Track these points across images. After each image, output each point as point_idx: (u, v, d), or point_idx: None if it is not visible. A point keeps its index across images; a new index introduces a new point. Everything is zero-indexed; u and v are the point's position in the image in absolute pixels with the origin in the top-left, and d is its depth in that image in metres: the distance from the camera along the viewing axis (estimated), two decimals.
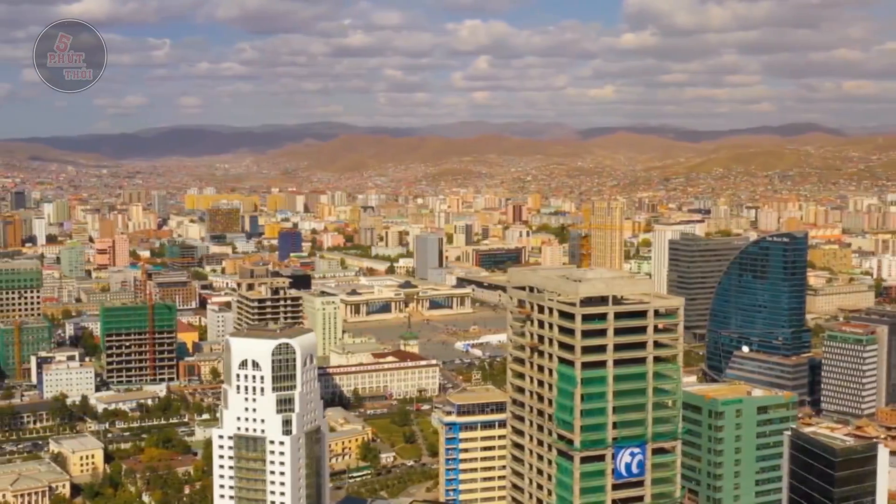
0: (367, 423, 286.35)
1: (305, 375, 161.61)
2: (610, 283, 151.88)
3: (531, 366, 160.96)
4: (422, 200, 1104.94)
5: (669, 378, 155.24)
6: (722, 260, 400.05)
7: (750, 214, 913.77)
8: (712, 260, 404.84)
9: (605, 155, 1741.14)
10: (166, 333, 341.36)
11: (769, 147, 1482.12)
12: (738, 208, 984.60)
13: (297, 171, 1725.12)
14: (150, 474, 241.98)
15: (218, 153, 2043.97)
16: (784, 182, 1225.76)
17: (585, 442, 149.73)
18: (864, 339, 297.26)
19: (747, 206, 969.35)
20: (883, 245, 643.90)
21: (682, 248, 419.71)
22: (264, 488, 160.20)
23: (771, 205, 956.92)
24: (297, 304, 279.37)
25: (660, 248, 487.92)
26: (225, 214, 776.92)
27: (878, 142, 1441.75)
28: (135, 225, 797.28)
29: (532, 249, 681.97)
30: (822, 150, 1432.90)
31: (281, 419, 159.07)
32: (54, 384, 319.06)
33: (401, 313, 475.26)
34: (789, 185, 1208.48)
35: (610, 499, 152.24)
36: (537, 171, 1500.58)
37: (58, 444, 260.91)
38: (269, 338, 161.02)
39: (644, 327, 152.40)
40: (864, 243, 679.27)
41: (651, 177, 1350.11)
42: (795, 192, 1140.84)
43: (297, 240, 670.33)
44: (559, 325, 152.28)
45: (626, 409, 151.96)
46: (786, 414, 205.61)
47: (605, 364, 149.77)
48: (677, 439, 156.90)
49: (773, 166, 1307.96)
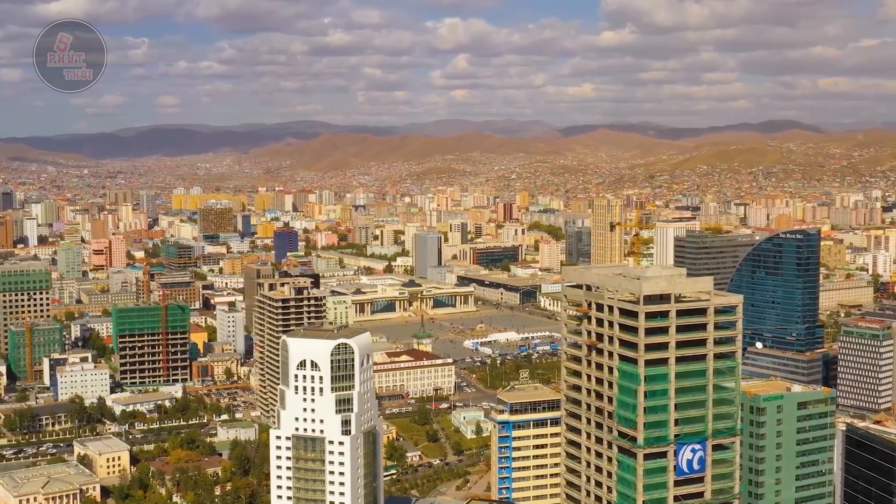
0: (388, 423, 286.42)
1: (363, 375, 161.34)
2: (671, 280, 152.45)
3: (588, 364, 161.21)
4: (409, 199, 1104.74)
5: (728, 374, 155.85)
6: (727, 256, 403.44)
7: (739, 211, 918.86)
8: (718, 256, 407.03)
9: (586, 153, 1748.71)
10: (179, 334, 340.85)
11: (751, 144, 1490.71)
12: (726, 205, 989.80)
13: (279, 170, 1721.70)
14: (180, 476, 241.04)
15: (198, 153, 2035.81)
16: (768, 179, 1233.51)
17: (648, 439, 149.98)
18: (881, 335, 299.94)
19: (735, 203, 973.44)
20: (875, 241, 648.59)
21: (688, 245, 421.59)
22: (323, 489, 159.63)
23: (759, 201, 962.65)
24: (320, 303, 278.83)
25: (662, 245, 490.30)
26: (217, 214, 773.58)
27: (859, 138, 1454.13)
28: (125, 225, 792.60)
29: (528, 247, 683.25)
30: (804, 147, 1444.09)
31: (340, 419, 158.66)
32: (69, 386, 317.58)
33: (405, 312, 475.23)
34: (773, 181, 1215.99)
35: (671, 495, 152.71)
36: (521, 168, 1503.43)
37: (83, 446, 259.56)
38: (327, 338, 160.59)
39: (704, 324, 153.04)
40: (856, 239, 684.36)
41: (636, 174, 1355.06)
42: (780, 188, 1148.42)
43: (294, 239, 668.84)
44: (620, 323, 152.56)
45: (687, 406, 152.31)
46: (825, 409, 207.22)
47: (667, 361, 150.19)
48: (736, 435, 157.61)
49: (756, 163, 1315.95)
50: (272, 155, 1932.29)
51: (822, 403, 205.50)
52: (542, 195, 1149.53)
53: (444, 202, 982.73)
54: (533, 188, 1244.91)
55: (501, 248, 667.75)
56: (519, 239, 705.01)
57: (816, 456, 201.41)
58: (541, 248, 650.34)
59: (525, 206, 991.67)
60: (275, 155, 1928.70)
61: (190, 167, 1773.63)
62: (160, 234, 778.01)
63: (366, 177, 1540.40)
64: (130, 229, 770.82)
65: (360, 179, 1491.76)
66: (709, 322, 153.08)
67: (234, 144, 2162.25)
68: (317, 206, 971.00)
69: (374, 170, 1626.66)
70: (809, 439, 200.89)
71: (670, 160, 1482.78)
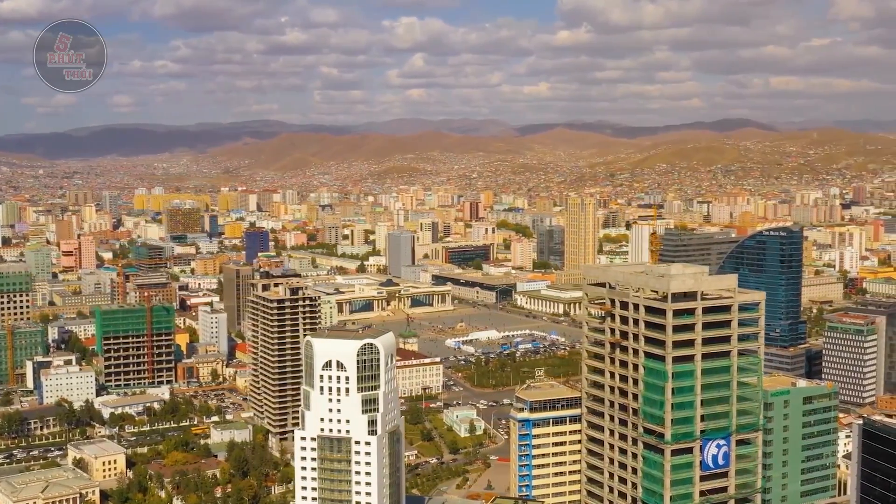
0: None
1: (388, 375, 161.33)
2: (697, 278, 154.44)
3: (612, 362, 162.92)
4: (372, 198, 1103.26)
5: (751, 371, 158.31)
6: (706, 253, 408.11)
7: (702, 209, 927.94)
8: (696, 254, 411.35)
9: (545, 151, 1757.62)
10: (164, 336, 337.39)
11: (708, 143, 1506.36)
12: (688, 203, 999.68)
13: (238, 169, 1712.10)
14: (180, 478, 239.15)
15: (154, 152, 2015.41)
16: (727, 177, 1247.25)
17: (676, 435, 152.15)
18: (865, 329, 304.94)
19: (698, 201, 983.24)
20: (840, 238, 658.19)
21: (668, 243, 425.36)
22: (349, 489, 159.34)
23: (721, 199, 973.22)
24: (314, 304, 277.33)
25: (638, 243, 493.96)
26: (185, 214, 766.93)
27: (813, 137, 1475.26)
28: (90, 226, 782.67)
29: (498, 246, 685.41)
30: (761, 146, 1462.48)
31: (366, 419, 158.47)
32: (54, 389, 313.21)
33: (383, 311, 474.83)
34: (733, 179, 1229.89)
35: (697, 490, 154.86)
36: (482, 167, 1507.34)
37: (78, 449, 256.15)
38: (353, 338, 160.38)
39: (728, 321, 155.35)
40: (819, 236, 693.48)
41: (596, 173, 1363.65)
42: (739, 186, 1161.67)
43: (265, 239, 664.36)
44: (646, 321, 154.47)
45: (712, 403, 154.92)
46: (828, 404, 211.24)
47: (693, 359, 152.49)
48: (758, 430, 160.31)
49: (714, 161, 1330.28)
50: (230, 154, 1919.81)
51: (826, 398, 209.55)
52: (505, 194, 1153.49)
53: (409, 201, 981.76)
54: (495, 187, 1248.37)
55: (473, 246, 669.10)
56: (489, 238, 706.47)
57: (821, 449, 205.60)
58: (513, 246, 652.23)
59: (489, 204, 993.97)
60: (233, 154, 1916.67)
61: (147, 167, 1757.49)
62: (126, 234, 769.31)
63: (326, 176, 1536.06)
64: (95, 230, 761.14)
65: (320, 179, 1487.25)
66: (733, 319, 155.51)
67: (191, 144, 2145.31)
68: (282, 206, 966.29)
69: (335, 169, 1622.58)
70: (814, 433, 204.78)
71: (629, 159, 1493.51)
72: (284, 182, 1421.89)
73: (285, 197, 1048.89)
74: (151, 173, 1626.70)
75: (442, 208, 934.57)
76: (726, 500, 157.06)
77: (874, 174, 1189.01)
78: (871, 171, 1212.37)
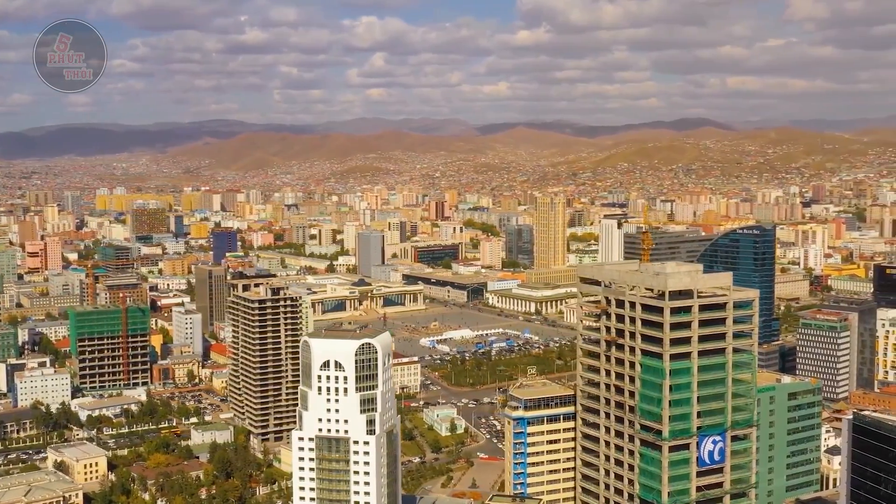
0: None
1: (385, 374, 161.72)
2: (693, 276, 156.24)
3: (607, 359, 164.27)
4: (337, 198, 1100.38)
5: (745, 367, 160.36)
6: (676, 251, 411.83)
7: (665, 208, 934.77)
8: (667, 252, 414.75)
9: (506, 150, 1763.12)
10: (140, 337, 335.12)
11: (669, 142, 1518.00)
12: (651, 201, 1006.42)
13: (199, 169, 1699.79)
14: (164, 480, 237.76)
15: (113, 152, 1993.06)
16: (688, 176, 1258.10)
17: (673, 432, 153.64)
18: (839, 326, 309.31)
19: (661, 200, 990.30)
20: (803, 236, 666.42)
21: (637, 241, 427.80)
22: (347, 489, 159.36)
23: (683, 198, 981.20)
24: (296, 304, 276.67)
25: (607, 241, 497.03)
26: (150, 215, 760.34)
27: (771, 136, 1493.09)
28: (53, 227, 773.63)
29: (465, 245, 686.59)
30: (720, 145, 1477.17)
31: (365, 419, 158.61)
32: (29, 392, 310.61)
33: (355, 311, 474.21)
34: (694, 178, 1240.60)
35: (694, 486, 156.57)
36: (444, 167, 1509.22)
37: (58, 452, 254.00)
38: (350, 338, 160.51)
39: (724, 319, 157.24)
40: (783, 234, 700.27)
41: (559, 172, 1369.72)
42: (701, 185, 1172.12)
43: (233, 240, 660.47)
44: (642, 319, 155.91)
45: (708, 399, 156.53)
46: (812, 399, 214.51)
47: (689, 356, 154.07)
48: (752, 426, 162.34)
49: (675, 160, 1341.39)
50: (190, 154, 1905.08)
51: (810, 394, 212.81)
52: (469, 193, 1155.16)
53: (374, 201, 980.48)
54: (458, 186, 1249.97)
55: (442, 246, 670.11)
56: (457, 237, 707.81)
57: (805, 444, 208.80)
58: (482, 245, 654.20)
59: (454, 204, 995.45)
60: (193, 154, 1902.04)
61: (106, 167, 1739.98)
62: (90, 235, 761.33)
63: (288, 175, 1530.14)
64: (58, 231, 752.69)
65: (282, 178, 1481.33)
66: (728, 317, 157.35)
67: (150, 144, 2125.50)
68: (247, 206, 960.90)
69: (296, 169, 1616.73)
70: (799, 428, 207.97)
71: (590, 158, 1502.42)
72: (246, 182, 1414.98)
73: (249, 197, 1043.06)
74: (111, 173, 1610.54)
75: (407, 208, 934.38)
76: (722, 496, 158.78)
77: (832, 173, 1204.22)
78: (829, 170, 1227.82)
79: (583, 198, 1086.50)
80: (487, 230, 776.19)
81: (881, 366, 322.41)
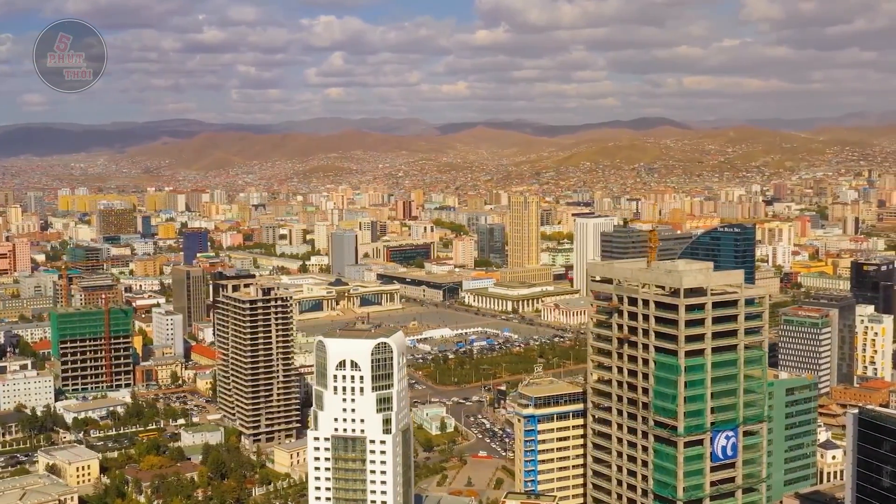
0: None
1: (400, 373, 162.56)
2: (707, 274, 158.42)
3: (619, 357, 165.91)
4: (302, 197, 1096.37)
5: (756, 363, 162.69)
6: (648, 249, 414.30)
7: (631, 206, 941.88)
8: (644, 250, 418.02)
9: (467, 150, 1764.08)
10: (122, 339, 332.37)
11: (629, 141, 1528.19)
12: (616, 200, 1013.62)
13: (159, 169, 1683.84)
14: (160, 482, 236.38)
15: (69, 152, 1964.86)
16: (651, 174, 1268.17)
17: (688, 427, 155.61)
18: (820, 322, 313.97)
19: (627, 199, 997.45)
20: (769, 233, 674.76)
21: (615, 240, 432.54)
22: (364, 488, 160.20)
23: (648, 196, 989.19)
24: (286, 304, 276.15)
25: (583, 240, 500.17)
26: (117, 215, 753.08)
27: (730, 135, 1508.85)
28: (18, 228, 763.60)
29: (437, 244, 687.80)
30: (680, 144, 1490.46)
31: (381, 418, 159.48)
32: (12, 394, 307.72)
33: (332, 311, 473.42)
34: (656, 177, 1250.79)
35: (707, 481, 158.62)
36: (407, 166, 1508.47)
37: (50, 455, 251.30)
38: (366, 337, 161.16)
39: (735, 316, 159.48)
40: None
41: (522, 171, 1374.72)
42: (663, 184, 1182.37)
43: (204, 240, 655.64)
44: (656, 316, 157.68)
45: (721, 395, 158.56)
46: (809, 395, 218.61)
47: (703, 352, 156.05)
48: (763, 421, 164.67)
49: (637, 159, 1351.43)
50: (149, 154, 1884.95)
51: (807, 389, 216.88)
52: (433, 192, 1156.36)
53: (339, 200, 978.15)
54: (422, 185, 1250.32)
55: (414, 245, 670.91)
56: (428, 236, 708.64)
57: (802, 439, 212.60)
58: (454, 245, 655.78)
59: (421, 203, 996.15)
60: (152, 154, 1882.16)
61: (64, 167, 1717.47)
62: (56, 236, 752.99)
63: (250, 175, 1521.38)
64: (23, 232, 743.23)
65: (244, 178, 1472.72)
66: (740, 313, 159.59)
67: (108, 143, 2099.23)
68: (213, 206, 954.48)
69: (258, 168, 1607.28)
70: (796, 423, 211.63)
71: (553, 157, 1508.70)
72: (208, 182, 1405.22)
73: (214, 197, 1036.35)
74: (69, 173, 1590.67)
75: (374, 207, 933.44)
76: (734, 490, 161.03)
77: (791, 172, 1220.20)
78: (789, 168, 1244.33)
79: (547, 197, 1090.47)
80: (456, 230, 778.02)
81: (860, 361, 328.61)
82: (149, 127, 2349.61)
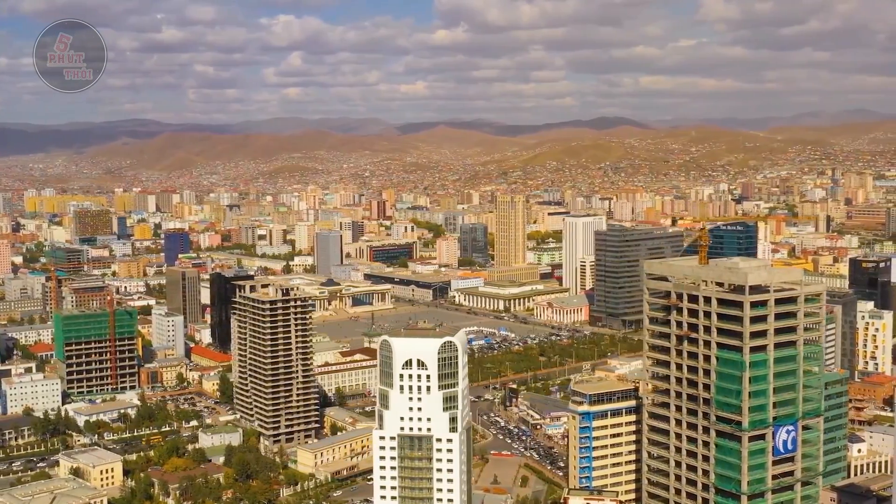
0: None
1: (463, 372, 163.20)
2: (770, 271, 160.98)
3: (678, 353, 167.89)
4: (271, 198, 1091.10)
5: (815, 359, 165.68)
6: (642, 248, 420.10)
7: (603, 205, 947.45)
8: (636, 248, 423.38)
9: (430, 150, 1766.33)
10: (127, 340, 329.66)
11: (592, 140, 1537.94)
12: (588, 199, 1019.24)
13: (120, 170, 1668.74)
14: (188, 484, 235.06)
15: (26, 153, 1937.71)
16: (618, 174, 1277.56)
17: (752, 422, 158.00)
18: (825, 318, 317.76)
19: (599, 198, 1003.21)
20: None
21: (609, 238, 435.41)
22: (430, 486, 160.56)
23: (620, 195, 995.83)
24: (306, 305, 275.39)
25: (572, 239, 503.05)
26: (94, 216, 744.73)
27: (692, 134, 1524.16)
28: None
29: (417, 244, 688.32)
30: (644, 143, 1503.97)
31: (447, 417, 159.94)
32: (19, 398, 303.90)
33: (325, 311, 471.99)
34: (623, 176, 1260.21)
35: (770, 475, 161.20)
36: (372, 166, 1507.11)
37: (72, 459, 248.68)
38: (432, 336, 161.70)
39: (795, 312, 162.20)
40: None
41: (489, 170, 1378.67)
42: (630, 183, 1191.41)
43: (185, 241, 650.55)
44: (719, 313, 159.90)
45: (782, 390, 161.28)
46: (840, 389, 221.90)
47: (765, 348, 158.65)
48: (820, 416, 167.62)
49: (602, 159, 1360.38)
50: (109, 154, 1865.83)
51: (839, 384, 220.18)
52: (403, 192, 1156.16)
53: (311, 201, 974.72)
54: (390, 185, 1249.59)
55: (396, 245, 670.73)
56: (409, 236, 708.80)
57: (835, 433, 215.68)
58: (438, 244, 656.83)
59: (392, 203, 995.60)
60: (112, 155, 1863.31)
61: (22, 168, 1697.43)
62: (31, 237, 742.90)
63: (214, 176, 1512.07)
64: None
65: (209, 179, 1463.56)
66: (799, 309, 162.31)
67: (66, 144, 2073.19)
68: (185, 207, 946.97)
69: (221, 169, 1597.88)
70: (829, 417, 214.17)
71: (517, 157, 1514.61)
72: (172, 182, 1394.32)
73: (184, 197, 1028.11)
74: (29, 174, 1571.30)
75: (347, 207, 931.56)
76: (793, 484, 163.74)
77: (756, 171, 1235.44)
78: (753, 167, 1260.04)
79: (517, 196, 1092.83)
80: (433, 229, 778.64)
81: (861, 356, 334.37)
82: (106, 127, 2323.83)
